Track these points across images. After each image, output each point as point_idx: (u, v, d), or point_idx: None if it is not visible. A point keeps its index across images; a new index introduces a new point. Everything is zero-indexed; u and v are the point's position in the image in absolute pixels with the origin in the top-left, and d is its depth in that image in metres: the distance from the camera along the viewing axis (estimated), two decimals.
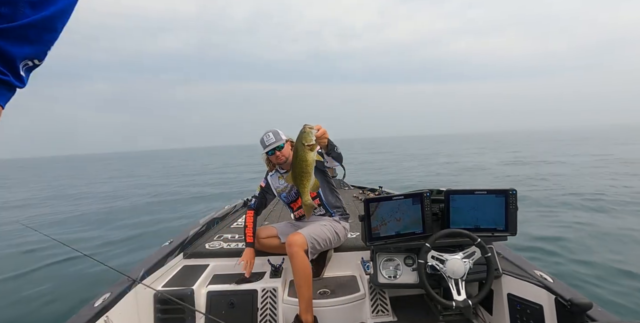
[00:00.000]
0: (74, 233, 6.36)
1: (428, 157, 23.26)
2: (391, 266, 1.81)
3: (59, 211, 9.28)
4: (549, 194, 7.61)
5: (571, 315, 1.32)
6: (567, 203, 6.69)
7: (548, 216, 5.73)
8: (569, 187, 8.47)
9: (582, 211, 6.00)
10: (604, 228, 4.88)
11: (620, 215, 5.63)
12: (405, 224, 1.77)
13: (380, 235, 1.75)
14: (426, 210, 1.77)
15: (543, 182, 9.65)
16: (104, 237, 5.89)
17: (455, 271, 1.56)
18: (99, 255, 4.43)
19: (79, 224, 7.25)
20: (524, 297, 1.61)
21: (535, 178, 10.45)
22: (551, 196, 7.39)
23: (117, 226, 6.85)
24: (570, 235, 4.60)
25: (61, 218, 8.13)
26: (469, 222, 1.76)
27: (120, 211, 8.83)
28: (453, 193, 1.78)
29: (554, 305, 1.45)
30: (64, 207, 10.11)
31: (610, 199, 6.77)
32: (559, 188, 8.32)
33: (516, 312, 1.65)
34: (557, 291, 1.44)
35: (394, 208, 1.75)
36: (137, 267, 1.90)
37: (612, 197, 6.99)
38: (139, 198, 11.21)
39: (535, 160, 16.26)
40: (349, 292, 1.95)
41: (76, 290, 3.56)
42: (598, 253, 3.95)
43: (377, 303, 1.90)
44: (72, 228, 6.76)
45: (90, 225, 7.13)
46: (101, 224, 7.10)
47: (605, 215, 5.65)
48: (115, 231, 6.36)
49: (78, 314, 1.40)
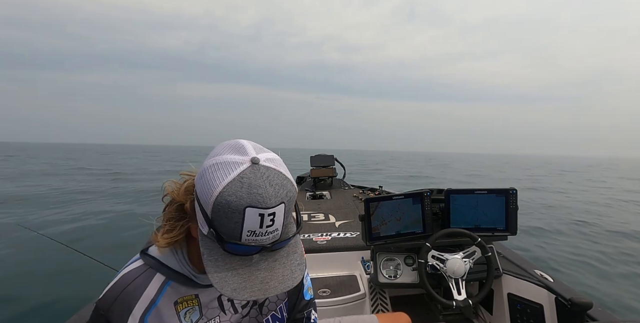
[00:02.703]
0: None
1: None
2: (391, 266, 1.81)
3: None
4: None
5: (571, 315, 1.32)
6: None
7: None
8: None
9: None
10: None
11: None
12: (406, 224, 1.77)
13: (381, 234, 1.75)
14: (426, 209, 1.77)
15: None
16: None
17: (456, 271, 1.56)
18: (98, 255, 4.42)
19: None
20: (524, 297, 1.62)
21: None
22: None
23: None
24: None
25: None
26: (469, 221, 1.75)
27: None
28: (453, 193, 1.78)
29: (554, 304, 1.45)
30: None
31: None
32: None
33: (516, 312, 1.65)
34: (557, 291, 1.44)
35: (394, 208, 1.75)
36: None
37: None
38: None
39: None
40: (349, 291, 1.95)
41: (76, 290, 3.56)
42: None
43: (377, 303, 1.90)
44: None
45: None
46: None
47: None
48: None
49: (78, 314, 1.40)
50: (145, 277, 0.66)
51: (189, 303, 0.69)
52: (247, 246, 0.53)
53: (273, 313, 0.82)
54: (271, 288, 0.55)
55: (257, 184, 0.50)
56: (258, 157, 0.52)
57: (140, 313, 0.63)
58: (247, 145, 0.55)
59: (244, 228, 0.51)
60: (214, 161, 0.53)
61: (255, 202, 0.49)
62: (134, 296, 0.63)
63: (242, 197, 0.49)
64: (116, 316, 0.62)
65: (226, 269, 0.54)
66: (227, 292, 0.52)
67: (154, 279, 0.66)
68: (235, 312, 0.76)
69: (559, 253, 4.82)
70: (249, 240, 0.52)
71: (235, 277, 0.54)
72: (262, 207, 0.50)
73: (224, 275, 0.53)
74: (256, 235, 0.52)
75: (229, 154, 0.53)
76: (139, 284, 0.64)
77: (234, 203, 0.49)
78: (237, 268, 0.55)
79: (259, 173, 0.51)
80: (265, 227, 0.51)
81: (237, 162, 0.51)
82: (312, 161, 5.00)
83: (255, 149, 0.55)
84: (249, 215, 0.50)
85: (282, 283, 0.56)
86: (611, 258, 4.63)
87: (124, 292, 0.63)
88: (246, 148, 0.54)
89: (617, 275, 4.11)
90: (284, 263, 0.58)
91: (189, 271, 0.68)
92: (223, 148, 0.55)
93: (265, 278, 0.55)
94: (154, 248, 0.68)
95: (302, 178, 5.06)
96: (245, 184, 0.49)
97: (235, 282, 0.53)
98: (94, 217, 6.97)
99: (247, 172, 0.50)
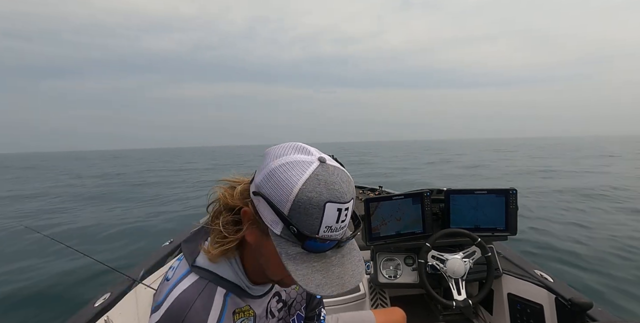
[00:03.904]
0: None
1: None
2: (391, 266, 1.81)
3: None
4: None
5: (571, 315, 1.32)
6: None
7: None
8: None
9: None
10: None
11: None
12: (406, 224, 1.77)
13: (381, 235, 1.75)
14: (426, 209, 1.77)
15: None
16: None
17: (456, 271, 1.56)
18: (97, 255, 4.43)
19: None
20: (524, 297, 1.61)
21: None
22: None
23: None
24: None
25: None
26: (469, 221, 1.75)
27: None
28: (453, 193, 1.78)
29: (554, 304, 1.45)
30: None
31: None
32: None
33: (516, 312, 1.65)
34: (557, 291, 1.44)
35: (394, 208, 1.75)
36: (137, 267, 1.90)
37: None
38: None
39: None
40: (349, 291, 1.94)
41: (76, 290, 3.56)
42: None
43: (377, 303, 1.89)
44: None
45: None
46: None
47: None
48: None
49: (78, 314, 1.40)
50: (207, 294, 0.62)
51: (246, 314, 0.68)
52: (324, 241, 0.53)
53: (298, 313, 0.83)
54: (347, 283, 0.55)
55: (332, 181, 0.52)
56: (324, 156, 0.55)
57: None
58: (308, 146, 0.57)
59: (323, 223, 0.52)
60: (282, 161, 0.54)
61: (334, 197, 0.51)
62: (201, 317, 0.59)
63: (322, 193, 0.50)
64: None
65: (305, 267, 0.54)
66: (312, 288, 0.53)
67: (217, 295, 0.63)
68: (273, 317, 0.77)
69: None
70: (325, 235, 0.53)
71: (315, 273, 0.54)
72: (341, 201, 0.52)
73: (306, 272, 0.54)
74: (332, 230, 0.53)
75: (295, 154, 0.55)
76: (204, 303, 0.61)
77: (315, 199, 0.50)
78: (315, 265, 0.55)
79: (330, 171, 0.53)
80: (340, 222, 0.53)
81: (307, 161, 0.53)
82: None
83: (315, 149, 0.57)
84: (328, 210, 0.51)
85: (354, 277, 0.57)
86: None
87: (190, 311, 0.58)
88: (308, 149, 0.56)
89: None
90: (351, 258, 0.59)
91: (244, 282, 0.67)
92: (285, 149, 0.56)
93: (340, 274, 0.56)
94: (203, 260, 0.65)
95: None
96: (322, 181, 0.51)
97: (317, 279, 0.54)
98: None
99: (320, 170, 0.52)
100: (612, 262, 3.87)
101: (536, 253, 4.20)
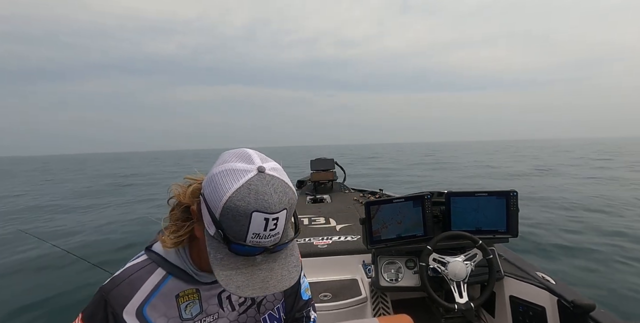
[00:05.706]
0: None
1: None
2: (392, 269, 1.80)
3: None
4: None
5: (574, 317, 1.32)
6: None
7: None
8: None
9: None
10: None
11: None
12: (406, 227, 1.76)
13: (382, 238, 1.75)
14: (427, 212, 1.77)
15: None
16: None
17: (457, 273, 1.55)
18: (98, 254, 4.41)
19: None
20: (526, 299, 1.61)
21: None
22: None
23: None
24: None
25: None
26: (470, 224, 1.75)
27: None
28: (454, 196, 1.78)
29: (557, 306, 1.44)
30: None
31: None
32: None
33: (519, 314, 1.64)
34: (559, 293, 1.44)
35: (395, 211, 1.75)
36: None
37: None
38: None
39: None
40: (351, 295, 1.94)
41: (76, 292, 3.54)
42: None
43: (378, 307, 1.88)
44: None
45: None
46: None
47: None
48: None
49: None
50: (147, 270, 0.69)
51: (190, 297, 0.72)
52: (251, 247, 0.57)
53: (270, 313, 0.86)
54: (270, 287, 0.59)
55: (263, 191, 0.54)
56: (264, 166, 0.56)
57: (138, 303, 0.67)
58: (253, 154, 0.59)
59: (250, 230, 0.55)
60: (223, 168, 0.57)
61: (261, 207, 0.53)
62: (134, 286, 0.67)
63: (250, 203, 0.53)
64: (115, 301, 0.65)
65: (231, 268, 0.58)
66: (232, 288, 0.56)
67: (155, 273, 0.70)
68: (232, 309, 0.79)
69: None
70: (253, 241, 0.56)
71: (239, 275, 0.58)
72: (268, 212, 0.54)
73: (229, 273, 0.57)
74: (260, 237, 0.56)
75: (236, 162, 0.57)
76: (140, 276, 0.68)
77: (242, 208, 0.53)
78: (241, 267, 0.58)
79: (265, 181, 0.55)
80: (269, 230, 0.56)
81: (245, 170, 0.55)
82: (312, 165, 5.00)
83: (260, 158, 0.59)
84: (255, 219, 0.54)
85: (281, 282, 0.60)
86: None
87: (126, 280, 0.67)
88: (252, 157, 0.58)
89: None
90: (283, 264, 0.62)
91: (190, 268, 0.71)
92: (230, 156, 0.59)
93: (266, 278, 0.59)
94: (158, 246, 0.72)
95: (303, 182, 5.06)
96: (252, 191, 0.53)
97: (239, 280, 0.57)
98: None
99: (254, 180, 0.54)
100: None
101: (536, 253, 4.19)
